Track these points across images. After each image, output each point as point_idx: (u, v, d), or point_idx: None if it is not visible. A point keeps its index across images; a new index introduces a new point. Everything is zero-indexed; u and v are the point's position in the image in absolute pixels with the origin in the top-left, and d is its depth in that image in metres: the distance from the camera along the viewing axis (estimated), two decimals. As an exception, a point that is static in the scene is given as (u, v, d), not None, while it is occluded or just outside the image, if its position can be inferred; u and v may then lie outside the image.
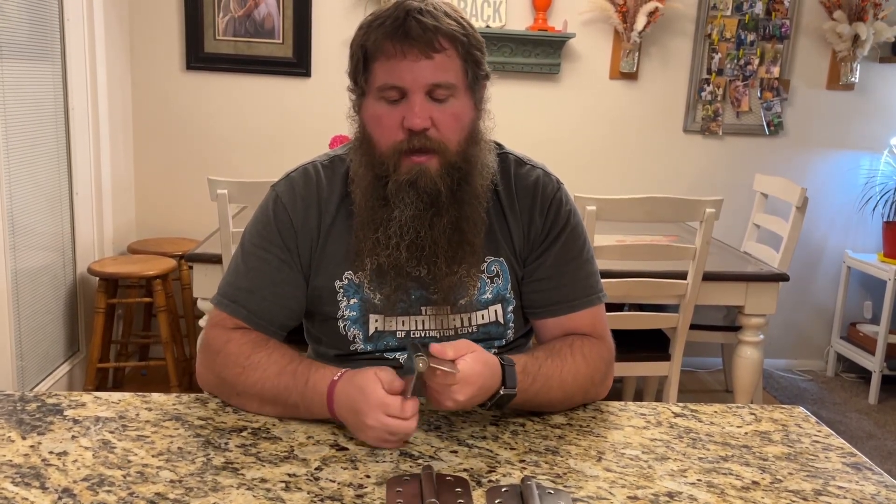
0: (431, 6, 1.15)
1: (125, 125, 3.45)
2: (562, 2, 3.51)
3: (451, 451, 1.07)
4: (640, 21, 3.44)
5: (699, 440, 1.14)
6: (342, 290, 1.25)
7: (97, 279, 2.98)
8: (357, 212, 1.22)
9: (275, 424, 1.13)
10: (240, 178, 2.45)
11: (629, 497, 0.97)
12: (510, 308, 1.29)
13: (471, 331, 1.27)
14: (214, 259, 2.46)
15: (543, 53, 3.49)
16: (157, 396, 1.20)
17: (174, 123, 3.52)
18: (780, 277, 2.62)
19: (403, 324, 1.25)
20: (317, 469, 1.01)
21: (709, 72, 3.63)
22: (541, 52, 3.49)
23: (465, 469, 1.02)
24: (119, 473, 0.97)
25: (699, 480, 1.02)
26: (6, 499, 0.90)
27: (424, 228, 1.17)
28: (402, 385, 1.06)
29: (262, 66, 3.47)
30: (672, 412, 1.24)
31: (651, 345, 2.73)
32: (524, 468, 1.03)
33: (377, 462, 1.03)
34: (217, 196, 2.38)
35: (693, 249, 2.47)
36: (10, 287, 2.60)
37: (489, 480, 0.99)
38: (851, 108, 3.74)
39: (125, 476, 0.97)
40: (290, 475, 0.99)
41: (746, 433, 1.18)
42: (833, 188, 3.81)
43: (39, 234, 2.82)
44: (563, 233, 1.28)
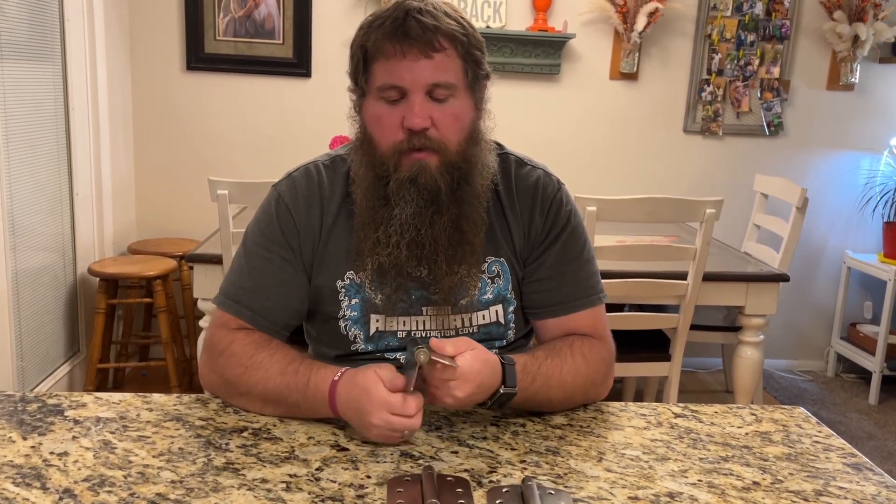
0: (431, 6, 1.15)
1: (125, 125, 3.45)
2: (562, 2, 3.51)
3: (452, 452, 1.07)
4: (641, 21, 3.44)
5: (700, 440, 1.14)
6: (343, 290, 1.25)
7: (97, 279, 2.98)
8: (358, 212, 1.22)
9: (275, 425, 1.13)
10: (240, 179, 2.45)
11: (630, 497, 0.97)
12: (511, 308, 1.29)
13: (471, 331, 1.27)
14: (215, 259, 2.46)
15: (543, 54, 3.50)
16: (158, 397, 1.20)
17: (174, 124, 3.52)
18: (781, 278, 2.62)
19: (404, 324, 1.25)
20: (317, 469, 1.01)
21: (709, 72, 3.63)
22: (541, 53, 3.49)
23: (466, 469, 1.02)
24: (120, 474, 0.97)
25: (700, 481, 1.02)
26: (7, 499, 0.90)
27: (425, 226, 1.18)
28: (404, 382, 1.06)
29: (263, 67, 3.48)
30: (673, 413, 1.24)
31: (651, 345, 2.73)
32: (525, 468, 1.03)
33: (378, 462, 1.03)
34: (217, 196, 2.38)
35: (693, 250, 2.47)
36: (11, 287, 2.60)
37: (490, 481, 0.99)
38: (851, 109, 3.74)
39: (126, 476, 0.97)
40: (291, 475, 0.99)
41: (747, 434, 1.18)
42: (833, 189, 3.81)
43: (40, 235, 2.82)
44: (564, 233, 1.28)
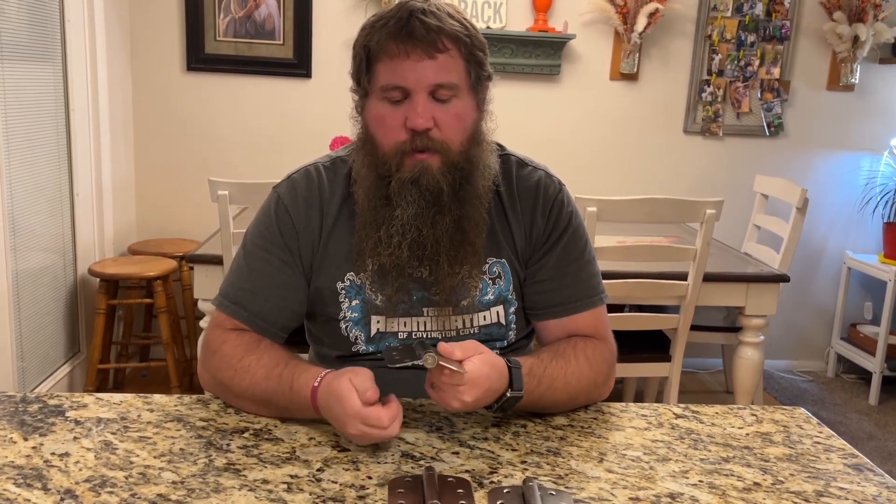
0: (435, 7, 1.15)
1: (126, 126, 3.45)
2: (562, 3, 3.51)
3: (453, 453, 1.07)
4: (641, 22, 3.44)
5: (700, 441, 1.14)
6: (344, 292, 1.25)
7: (98, 280, 2.98)
8: (359, 212, 1.22)
9: (276, 426, 1.13)
10: (240, 179, 2.45)
11: (631, 498, 0.97)
12: (512, 309, 1.29)
13: (472, 332, 1.27)
14: (215, 260, 2.46)
15: (544, 54, 3.50)
16: (159, 397, 1.20)
17: (175, 124, 3.52)
18: (781, 278, 2.62)
19: (405, 325, 1.25)
20: (318, 470, 1.01)
21: (709, 73, 3.63)
22: (541, 54, 3.49)
23: (467, 470, 1.02)
24: (121, 475, 0.97)
25: (701, 481, 1.02)
26: (8, 500, 0.90)
27: (427, 227, 1.17)
28: (377, 393, 1.04)
29: (263, 67, 3.47)
30: (673, 413, 1.24)
31: (652, 346, 2.73)
32: (526, 469, 1.03)
33: (379, 463, 1.03)
34: (218, 197, 2.38)
35: (693, 250, 2.47)
36: (11, 288, 2.60)
37: (491, 481, 0.99)
38: (851, 109, 3.74)
39: (127, 477, 0.97)
40: (292, 476, 0.99)
41: (748, 434, 1.18)
42: (833, 189, 3.81)
43: (40, 235, 2.82)
44: (565, 234, 1.28)
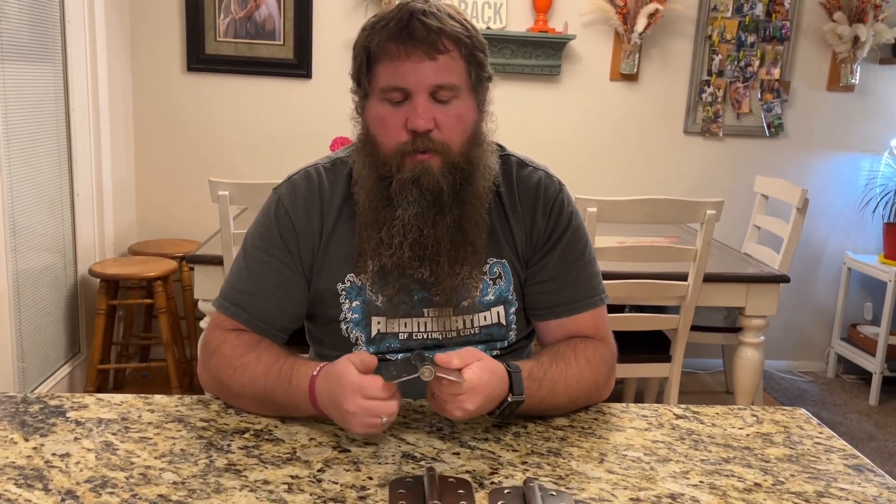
0: (435, 8, 1.16)
1: (126, 126, 3.45)
2: (562, 3, 3.51)
3: (454, 453, 1.07)
4: (641, 22, 3.44)
5: (701, 442, 1.14)
6: (344, 293, 1.25)
7: (98, 280, 2.98)
8: (360, 212, 1.22)
9: (277, 426, 1.13)
10: (240, 180, 2.45)
11: (631, 499, 0.97)
12: (512, 310, 1.29)
13: (473, 332, 1.27)
14: (215, 261, 2.46)
15: (544, 55, 3.50)
16: (160, 398, 1.20)
17: (175, 125, 3.52)
18: (781, 279, 2.62)
19: (406, 325, 1.25)
20: (319, 471, 1.01)
21: (709, 73, 3.63)
22: (541, 54, 3.49)
23: (468, 471, 1.02)
24: (122, 475, 0.97)
25: (701, 482, 1.02)
26: (9, 501, 0.91)
27: (427, 227, 1.18)
28: (375, 362, 1.05)
29: (263, 68, 3.47)
30: (674, 414, 1.24)
31: (652, 346, 2.73)
32: (526, 470, 1.03)
33: (379, 464, 1.03)
34: (218, 197, 2.38)
35: (694, 251, 2.47)
36: (11, 288, 2.60)
37: (491, 482, 0.99)
38: (852, 110, 3.74)
39: (128, 478, 0.97)
40: (293, 477, 0.99)
41: (748, 435, 1.18)
42: (833, 190, 3.82)
43: (40, 236, 2.82)
44: (566, 235, 1.28)
